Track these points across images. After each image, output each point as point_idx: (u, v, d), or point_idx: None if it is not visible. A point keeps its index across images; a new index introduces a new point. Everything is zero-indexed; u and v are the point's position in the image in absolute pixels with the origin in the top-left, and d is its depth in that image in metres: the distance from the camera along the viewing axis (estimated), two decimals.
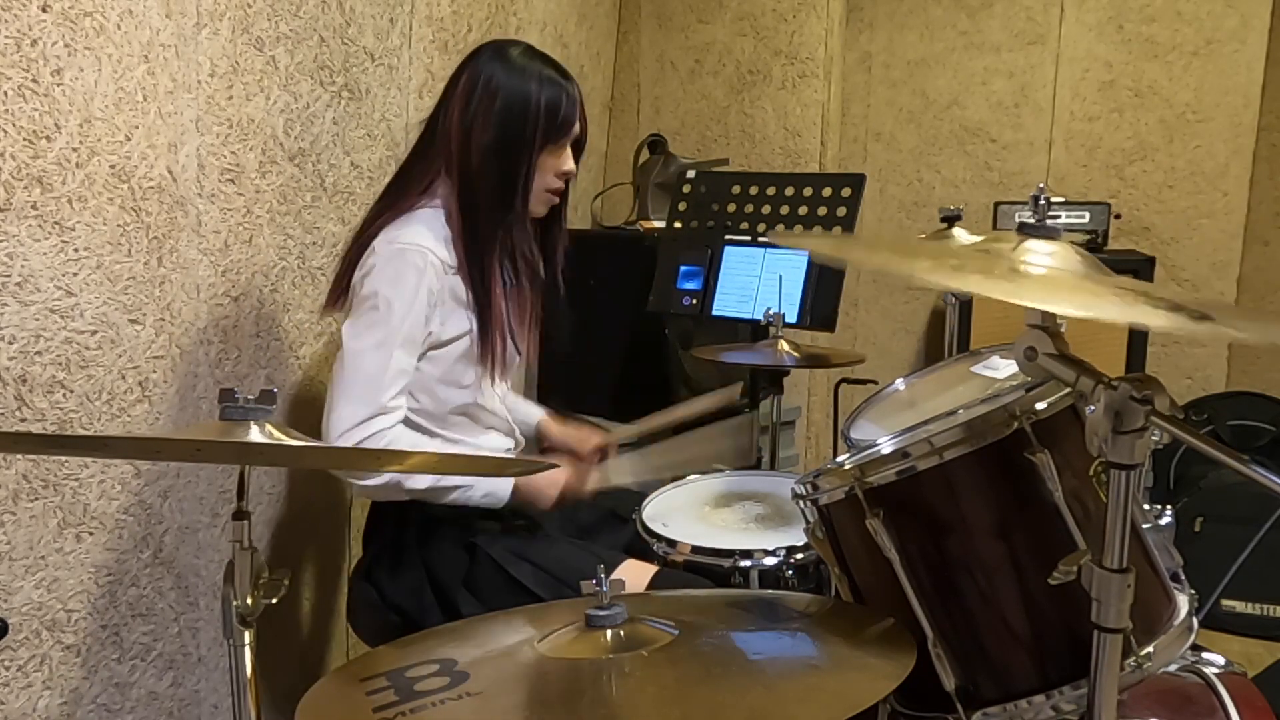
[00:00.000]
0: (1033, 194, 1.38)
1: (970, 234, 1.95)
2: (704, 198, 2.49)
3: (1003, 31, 3.34)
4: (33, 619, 1.33)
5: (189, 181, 1.53)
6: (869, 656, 1.02)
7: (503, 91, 1.55)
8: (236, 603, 0.96)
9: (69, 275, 1.33)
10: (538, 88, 1.56)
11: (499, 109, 1.55)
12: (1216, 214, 3.21)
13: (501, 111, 1.55)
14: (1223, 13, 3.11)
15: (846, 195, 2.30)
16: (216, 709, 1.65)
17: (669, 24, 3.35)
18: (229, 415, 0.93)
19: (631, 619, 1.04)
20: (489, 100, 1.55)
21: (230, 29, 1.59)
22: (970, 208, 3.21)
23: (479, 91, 1.55)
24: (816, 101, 3.20)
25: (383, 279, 1.49)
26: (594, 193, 3.33)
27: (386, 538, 1.64)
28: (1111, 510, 0.92)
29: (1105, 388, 0.89)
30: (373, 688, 0.98)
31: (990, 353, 1.63)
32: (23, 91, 1.24)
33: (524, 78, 1.56)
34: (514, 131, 1.55)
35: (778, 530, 1.63)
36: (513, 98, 1.55)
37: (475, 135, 1.55)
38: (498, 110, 1.55)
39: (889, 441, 1.18)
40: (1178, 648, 1.12)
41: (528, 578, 1.54)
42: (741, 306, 2.29)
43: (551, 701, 0.96)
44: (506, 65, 1.57)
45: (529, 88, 1.55)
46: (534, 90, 1.56)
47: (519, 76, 1.56)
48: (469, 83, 1.57)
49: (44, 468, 1.32)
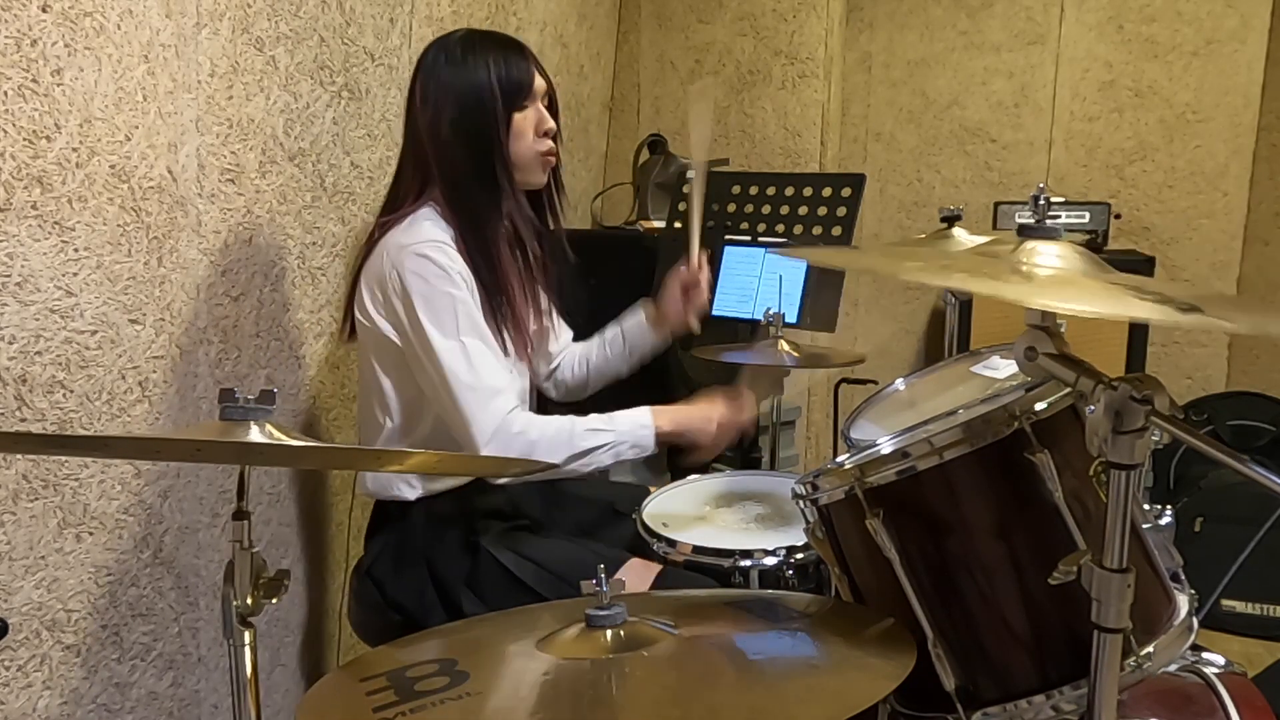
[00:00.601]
0: (1033, 194, 1.38)
1: (970, 234, 1.95)
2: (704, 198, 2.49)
3: (1003, 31, 3.34)
4: (33, 619, 1.33)
5: (189, 181, 1.53)
6: (869, 656, 1.02)
7: (453, 84, 1.57)
8: (236, 603, 0.96)
9: (69, 275, 1.33)
10: (485, 69, 1.57)
11: (455, 102, 1.56)
12: (1216, 214, 3.21)
13: (458, 103, 1.56)
14: (1223, 13, 3.11)
15: (846, 195, 2.30)
16: (216, 709, 1.65)
17: (669, 24, 3.35)
18: (229, 415, 0.93)
19: (631, 619, 1.04)
20: (444, 97, 1.57)
21: (230, 29, 1.59)
22: (970, 208, 3.21)
23: (433, 93, 1.57)
24: (816, 101, 3.20)
25: (419, 283, 1.49)
26: (594, 193, 3.33)
27: (390, 536, 1.64)
28: (1111, 510, 0.92)
29: (1105, 388, 0.89)
30: (373, 688, 0.98)
31: (990, 353, 1.63)
32: (23, 91, 1.24)
33: (469, 64, 1.58)
34: (475, 115, 1.57)
35: (778, 530, 1.63)
36: (464, 86, 1.57)
37: (443, 134, 1.57)
38: (454, 103, 1.56)
39: (889, 441, 1.18)
40: (1178, 648, 1.12)
41: (530, 577, 1.54)
42: (741, 306, 2.29)
43: (551, 701, 0.96)
44: (450, 58, 1.59)
45: (477, 73, 1.57)
46: (481, 73, 1.57)
47: (464, 65, 1.58)
48: (423, 89, 1.59)
49: (44, 468, 1.32)
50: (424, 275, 1.50)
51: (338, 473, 1.99)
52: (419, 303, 1.49)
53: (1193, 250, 3.24)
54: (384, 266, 1.53)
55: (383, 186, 1.99)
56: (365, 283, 1.57)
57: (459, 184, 1.58)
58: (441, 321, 1.50)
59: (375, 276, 1.55)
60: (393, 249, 1.53)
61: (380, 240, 1.56)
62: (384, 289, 1.53)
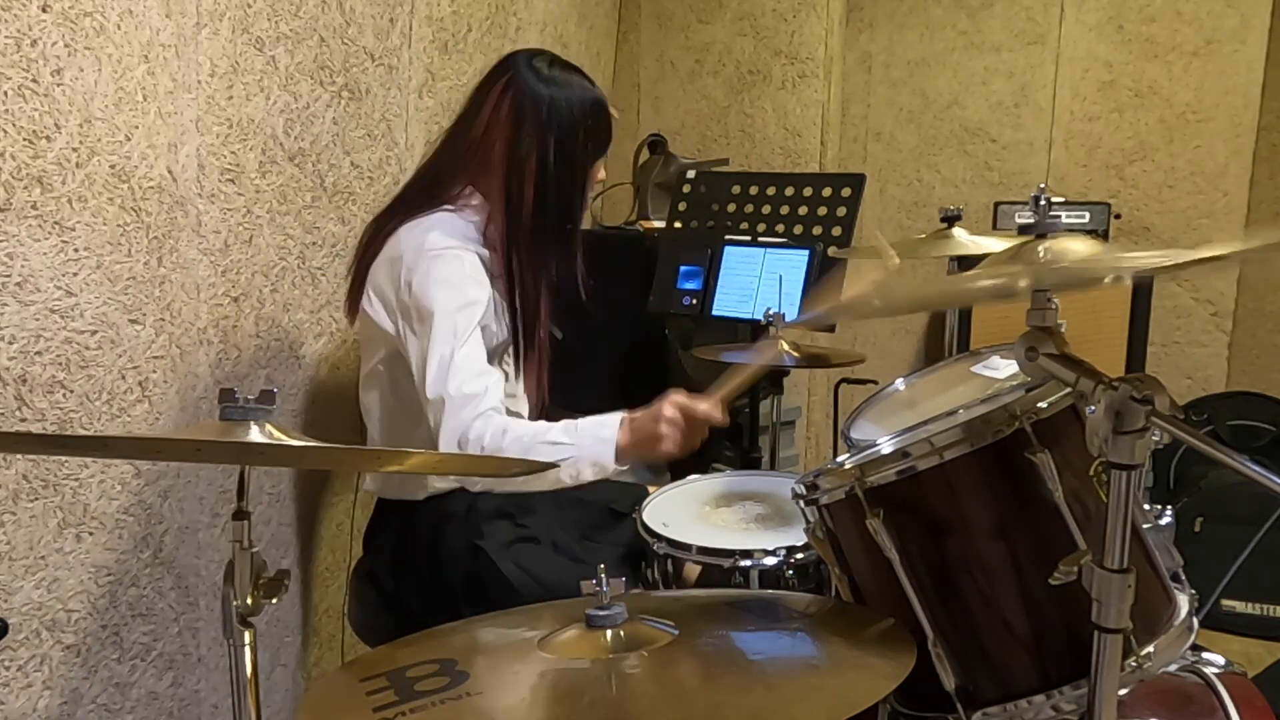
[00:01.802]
0: (1033, 194, 1.38)
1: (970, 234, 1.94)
2: (704, 198, 2.49)
3: (1003, 31, 3.34)
4: (33, 619, 1.33)
5: (189, 181, 1.53)
6: (869, 656, 1.02)
7: (547, 108, 1.51)
8: (236, 603, 0.96)
9: (69, 275, 1.33)
10: (581, 103, 1.53)
11: (547, 128, 1.51)
12: (1216, 214, 3.21)
13: (549, 130, 1.50)
14: (1223, 13, 3.11)
15: (846, 195, 2.30)
16: (216, 709, 1.65)
17: (669, 24, 3.35)
18: (229, 415, 0.93)
19: (631, 619, 1.04)
20: (534, 118, 1.51)
21: (230, 29, 1.59)
22: (970, 208, 3.21)
23: (526, 110, 1.51)
24: (816, 101, 3.20)
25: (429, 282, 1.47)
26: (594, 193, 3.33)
27: (392, 537, 1.64)
28: (1112, 510, 0.92)
29: (1106, 388, 0.89)
30: (373, 688, 0.98)
31: (990, 353, 1.63)
32: (23, 91, 1.24)
33: (566, 90, 1.53)
34: (567, 152, 1.52)
35: (778, 530, 1.63)
36: (559, 115, 1.51)
37: (523, 156, 1.51)
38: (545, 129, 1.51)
39: (889, 441, 1.19)
40: (1178, 648, 1.12)
41: (528, 589, 1.54)
42: (741, 306, 2.29)
43: (551, 701, 0.96)
44: (544, 79, 1.53)
45: (573, 103, 1.52)
46: (578, 105, 1.52)
47: (561, 90, 1.52)
48: (512, 101, 1.52)
49: (44, 468, 1.32)
50: (434, 277, 1.48)
51: (338, 473, 1.99)
52: (422, 302, 1.49)
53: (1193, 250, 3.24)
54: (399, 266, 1.52)
55: (383, 187, 1.99)
56: (374, 281, 1.56)
57: (528, 207, 1.52)
58: (443, 322, 1.48)
59: (387, 273, 1.54)
60: (410, 249, 1.51)
61: (394, 235, 1.54)
62: (395, 286, 1.52)
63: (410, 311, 1.50)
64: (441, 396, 1.43)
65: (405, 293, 1.50)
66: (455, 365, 1.45)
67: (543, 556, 1.62)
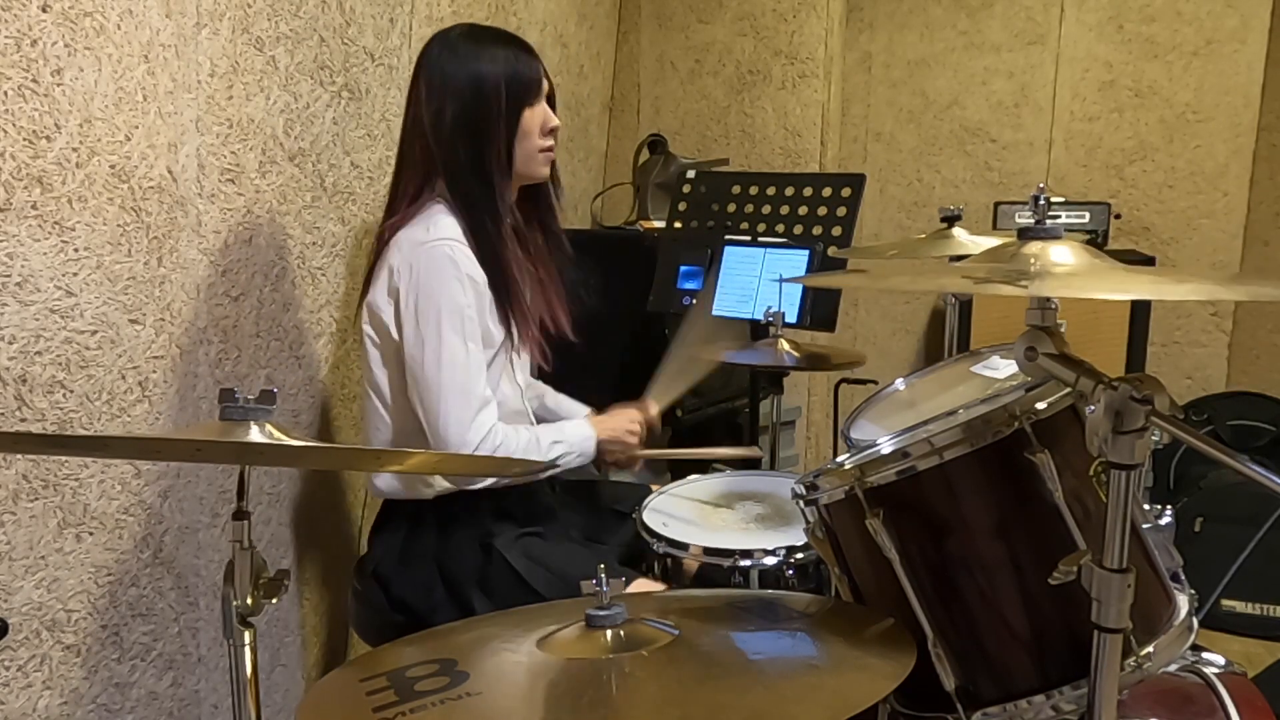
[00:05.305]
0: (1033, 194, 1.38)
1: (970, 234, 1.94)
2: (704, 198, 2.49)
3: (1003, 31, 3.34)
4: (33, 619, 1.33)
5: (189, 181, 1.53)
6: (869, 656, 1.02)
7: (459, 78, 1.57)
8: (236, 603, 0.96)
9: (69, 275, 1.33)
10: (495, 64, 1.57)
11: (461, 96, 1.56)
12: (1216, 214, 3.21)
13: (464, 97, 1.56)
14: (1223, 13, 3.11)
15: (846, 195, 2.30)
16: (216, 709, 1.65)
17: (669, 24, 3.35)
18: (229, 415, 0.93)
19: (631, 619, 1.04)
20: (449, 91, 1.57)
21: (230, 29, 1.59)
22: (970, 208, 3.21)
23: (438, 87, 1.57)
24: (816, 101, 3.20)
25: (422, 280, 1.52)
26: (594, 193, 3.33)
27: (398, 536, 1.64)
28: (1111, 510, 0.92)
29: (1105, 388, 0.89)
30: (373, 688, 0.98)
31: (990, 353, 1.63)
32: (23, 91, 1.24)
33: (476, 59, 1.57)
34: (482, 113, 1.57)
35: (778, 530, 1.63)
36: (471, 80, 1.56)
37: (447, 128, 1.57)
38: (459, 97, 1.56)
39: (889, 441, 1.18)
40: (1178, 648, 1.12)
41: (540, 582, 1.54)
42: (741, 306, 2.29)
43: (551, 702, 0.96)
44: (455, 52, 1.58)
45: (486, 68, 1.57)
46: (490, 67, 1.57)
47: (471, 59, 1.57)
48: (427, 83, 1.59)
49: (44, 468, 1.32)
50: (425, 275, 1.51)
51: (339, 473, 1.99)
52: (425, 299, 1.51)
53: (1193, 250, 3.24)
54: (398, 262, 1.54)
55: (382, 187, 1.99)
56: (377, 283, 1.58)
57: (461, 178, 1.58)
58: (443, 322, 1.51)
59: (387, 274, 1.56)
60: (407, 245, 1.54)
61: (392, 240, 1.57)
62: (395, 283, 1.54)
63: (411, 317, 1.53)
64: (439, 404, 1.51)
65: (405, 300, 1.53)
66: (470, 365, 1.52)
67: (554, 548, 1.63)
